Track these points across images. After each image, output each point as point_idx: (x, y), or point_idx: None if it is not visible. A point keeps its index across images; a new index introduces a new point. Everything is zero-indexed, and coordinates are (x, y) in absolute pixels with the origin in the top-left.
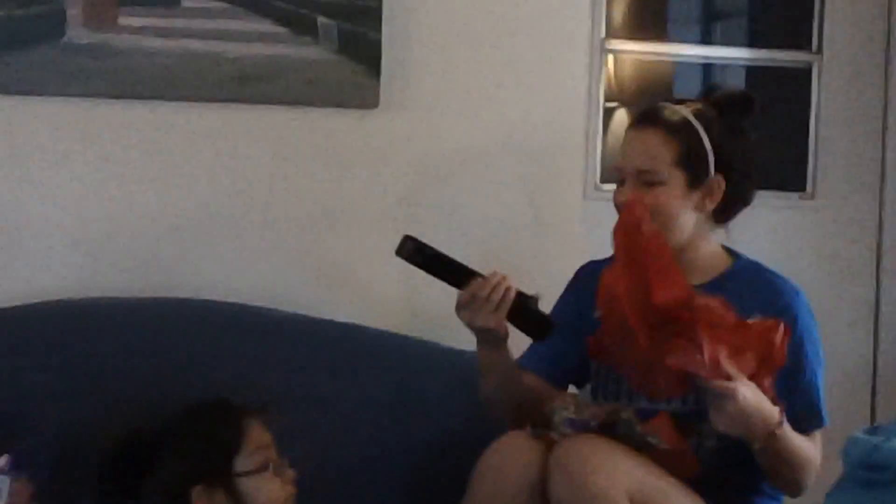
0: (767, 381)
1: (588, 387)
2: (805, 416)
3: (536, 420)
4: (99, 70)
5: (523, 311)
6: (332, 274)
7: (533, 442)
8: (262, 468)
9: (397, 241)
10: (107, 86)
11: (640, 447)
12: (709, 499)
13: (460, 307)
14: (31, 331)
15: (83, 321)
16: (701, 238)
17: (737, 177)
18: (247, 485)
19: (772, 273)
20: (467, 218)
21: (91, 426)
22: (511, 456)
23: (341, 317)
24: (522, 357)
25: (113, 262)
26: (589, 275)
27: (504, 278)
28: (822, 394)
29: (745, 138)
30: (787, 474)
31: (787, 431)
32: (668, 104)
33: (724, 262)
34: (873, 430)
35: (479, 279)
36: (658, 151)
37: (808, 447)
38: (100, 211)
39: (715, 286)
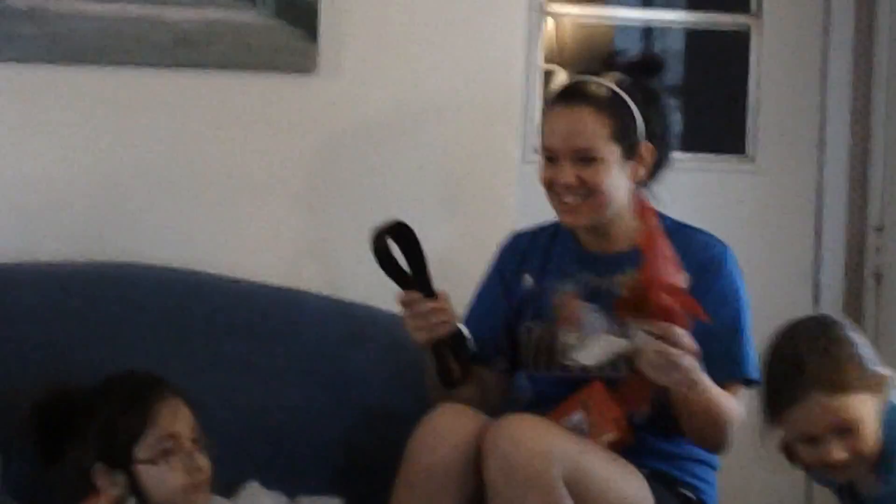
0: None
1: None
2: (724, 364)
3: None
4: (37, 34)
5: (445, 350)
6: (267, 238)
7: (467, 418)
8: (162, 458)
9: (335, 204)
10: (44, 50)
11: None
12: (643, 467)
13: (399, 303)
14: None
15: (19, 286)
16: (629, 205)
17: (660, 141)
18: (145, 473)
19: (696, 230)
20: (405, 182)
21: (21, 393)
22: (445, 434)
23: (273, 281)
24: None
25: (50, 227)
26: (511, 245)
27: (444, 311)
28: (749, 347)
29: (661, 100)
30: (708, 430)
31: (707, 384)
32: (588, 77)
33: None
34: None
35: (421, 296)
36: (593, 128)
37: (727, 402)
38: (37, 176)
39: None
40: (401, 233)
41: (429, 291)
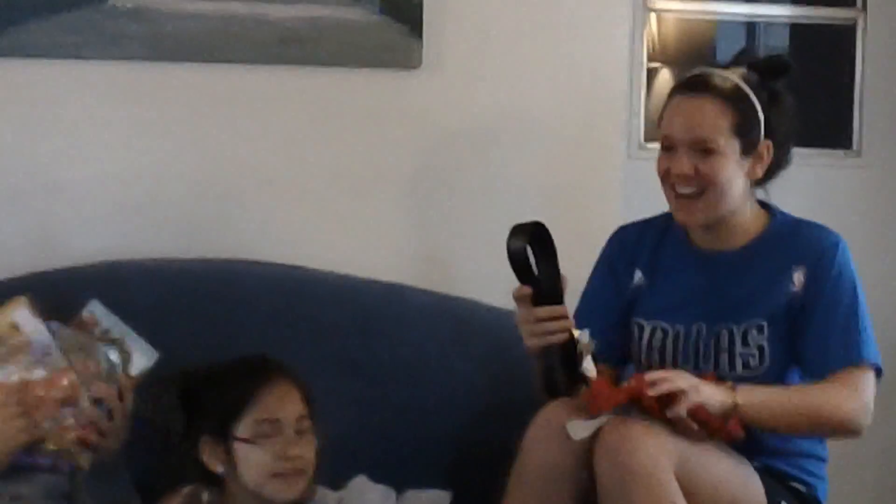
0: None
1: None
2: (840, 351)
3: None
4: (142, 33)
5: (555, 360)
6: (372, 234)
7: (581, 414)
8: (256, 439)
9: (440, 201)
10: (150, 49)
11: None
12: (754, 462)
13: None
14: (76, 293)
15: (127, 283)
16: (745, 202)
17: (781, 140)
18: (239, 450)
19: (809, 224)
20: (509, 177)
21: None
22: (559, 431)
23: (378, 277)
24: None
25: (156, 224)
26: (619, 239)
27: (562, 322)
28: (865, 332)
29: (785, 101)
30: (813, 431)
31: (756, 395)
32: (714, 70)
33: (762, 223)
34: None
35: (531, 291)
36: (715, 120)
37: (808, 396)
38: (142, 174)
39: (753, 248)
40: (538, 234)
41: (556, 297)
